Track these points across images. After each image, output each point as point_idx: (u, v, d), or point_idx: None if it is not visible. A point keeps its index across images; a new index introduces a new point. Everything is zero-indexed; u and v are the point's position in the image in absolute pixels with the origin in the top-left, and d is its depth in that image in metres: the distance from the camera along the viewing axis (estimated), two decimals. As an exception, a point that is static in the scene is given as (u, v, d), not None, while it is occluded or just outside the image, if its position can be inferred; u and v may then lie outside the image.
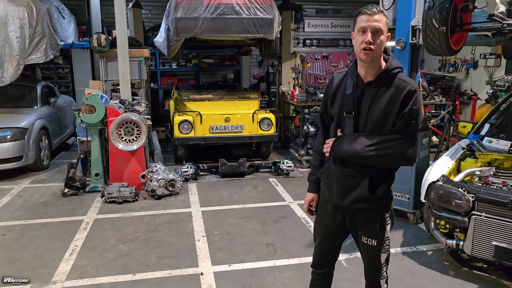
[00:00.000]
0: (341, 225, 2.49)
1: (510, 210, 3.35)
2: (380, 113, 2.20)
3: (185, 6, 6.71)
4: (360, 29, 2.14)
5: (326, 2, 12.17)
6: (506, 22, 3.57)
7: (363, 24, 2.13)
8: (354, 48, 2.23)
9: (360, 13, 2.16)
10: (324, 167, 2.47)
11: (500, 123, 4.73)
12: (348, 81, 2.29)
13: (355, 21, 2.20)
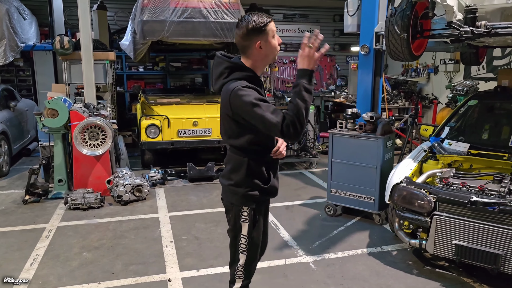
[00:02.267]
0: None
1: (469, 210, 3.49)
2: None
3: (151, 9, 6.62)
4: (274, 34, 2.33)
5: (293, 7, 12.32)
6: (463, 29, 3.71)
7: (274, 28, 2.32)
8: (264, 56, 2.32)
9: (269, 22, 2.27)
10: (265, 177, 2.43)
11: (459, 126, 4.92)
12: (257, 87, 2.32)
13: (266, 30, 2.26)
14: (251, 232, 2.48)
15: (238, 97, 2.19)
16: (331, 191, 5.31)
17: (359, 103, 5.52)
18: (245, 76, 2.30)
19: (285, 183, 6.87)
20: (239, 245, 2.50)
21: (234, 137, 2.37)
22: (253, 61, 2.34)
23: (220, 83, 2.37)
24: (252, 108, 2.16)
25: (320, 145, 8.83)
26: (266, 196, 2.48)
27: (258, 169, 2.40)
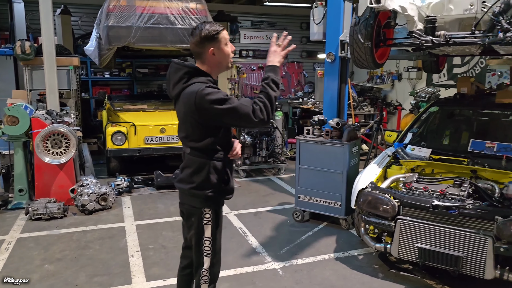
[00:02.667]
0: None
1: (431, 214, 3.59)
2: None
3: (117, 14, 6.51)
4: (227, 42, 2.46)
5: (261, 15, 12.42)
6: (424, 39, 3.84)
7: (227, 37, 2.46)
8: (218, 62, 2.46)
9: (222, 30, 2.43)
10: (224, 178, 2.53)
11: (421, 132, 5.08)
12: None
13: (218, 38, 2.41)
14: (215, 234, 2.56)
15: (204, 97, 2.27)
16: (299, 197, 5.35)
17: (326, 109, 5.61)
18: (205, 80, 2.40)
19: (254, 190, 6.88)
20: (203, 248, 2.54)
21: (197, 139, 2.44)
22: (208, 67, 2.47)
23: (179, 88, 2.45)
24: (223, 103, 2.26)
25: (288, 151, 8.90)
26: (225, 196, 2.59)
27: (219, 170, 2.49)
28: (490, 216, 3.35)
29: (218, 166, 2.47)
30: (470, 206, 3.46)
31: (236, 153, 2.57)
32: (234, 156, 2.57)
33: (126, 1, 6.58)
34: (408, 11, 3.76)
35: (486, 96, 5.02)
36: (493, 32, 3.46)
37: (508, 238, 3.23)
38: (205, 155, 2.45)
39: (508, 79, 6.60)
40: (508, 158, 4.03)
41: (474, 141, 4.38)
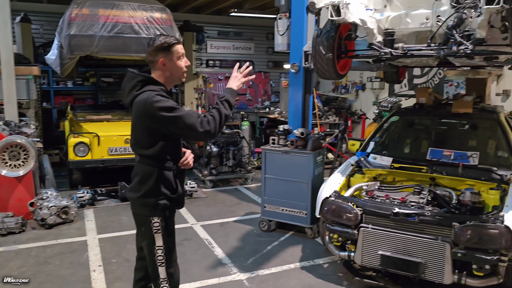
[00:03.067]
0: None
1: (392, 221, 3.67)
2: None
3: (79, 23, 6.39)
4: (180, 56, 2.52)
5: (227, 25, 12.47)
6: (383, 51, 3.96)
7: (181, 51, 2.52)
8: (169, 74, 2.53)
9: (176, 43, 2.50)
10: (173, 187, 2.56)
11: (383, 141, 5.21)
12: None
13: (171, 50, 2.48)
14: (167, 242, 2.56)
15: (153, 103, 2.34)
16: (265, 206, 5.36)
17: (291, 119, 5.67)
18: (157, 89, 2.45)
19: (220, 200, 6.84)
20: (156, 258, 2.54)
21: (147, 146, 2.48)
22: (160, 77, 2.52)
23: (132, 96, 2.48)
24: (171, 112, 2.33)
25: (255, 160, 8.91)
26: (174, 205, 2.60)
27: (167, 178, 2.52)
28: (447, 222, 3.46)
29: (166, 175, 2.51)
30: (429, 213, 3.56)
31: (187, 162, 2.60)
32: (184, 165, 2.61)
33: (89, 10, 6.48)
34: (368, 24, 3.87)
35: (443, 106, 5.21)
36: (448, 45, 3.62)
37: (464, 243, 3.34)
38: (153, 162, 2.49)
39: (464, 89, 6.89)
40: (464, 165, 4.18)
41: (432, 149, 4.53)
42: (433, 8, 3.78)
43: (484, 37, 3.44)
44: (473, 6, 3.33)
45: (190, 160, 2.62)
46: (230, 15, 11.70)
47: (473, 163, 4.22)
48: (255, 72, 12.73)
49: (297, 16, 5.35)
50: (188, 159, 2.62)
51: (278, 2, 5.63)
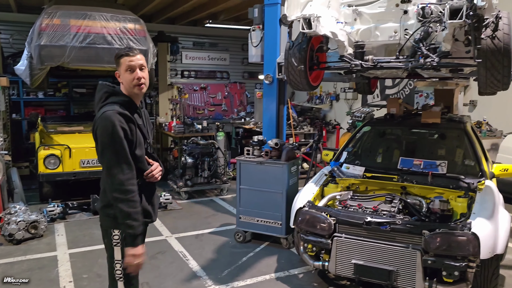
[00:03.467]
0: None
1: (365, 230, 3.72)
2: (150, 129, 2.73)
3: (50, 33, 6.28)
4: (128, 68, 2.46)
5: (202, 36, 12.49)
6: (354, 63, 4.04)
7: (129, 63, 2.46)
8: (124, 86, 2.51)
9: (123, 55, 2.47)
10: (142, 191, 2.52)
11: (356, 151, 5.29)
12: (132, 113, 2.49)
13: (119, 62, 2.48)
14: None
15: (103, 121, 2.35)
16: (240, 217, 5.34)
17: (265, 130, 5.70)
18: (121, 101, 2.46)
19: (196, 211, 6.78)
20: (115, 272, 2.49)
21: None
22: (123, 88, 2.52)
23: (98, 107, 2.49)
24: (112, 138, 2.33)
25: (231, 171, 8.90)
26: (144, 219, 2.52)
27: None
28: (418, 230, 3.53)
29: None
30: (400, 222, 3.62)
31: (152, 175, 2.56)
32: (149, 178, 2.57)
33: (60, 20, 6.38)
34: (339, 37, 3.95)
35: (413, 116, 5.35)
36: (415, 57, 3.72)
37: (434, 250, 3.41)
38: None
39: (433, 100, 7.09)
40: (433, 174, 4.28)
41: (403, 159, 4.63)
42: (401, 22, 3.89)
43: (449, 50, 3.56)
44: (438, 21, 3.45)
45: (155, 173, 2.58)
46: (205, 26, 11.73)
47: (441, 171, 4.33)
48: (230, 82, 12.83)
49: (270, 28, 5.41)
50: (154, 172, 2.57)
51: (251, 14, 5.68)
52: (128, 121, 2.42)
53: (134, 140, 2.45)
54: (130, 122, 2.43)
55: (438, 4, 3.53)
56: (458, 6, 3.16)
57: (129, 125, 2.42)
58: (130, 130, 2.42)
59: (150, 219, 2.62)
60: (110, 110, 2.37)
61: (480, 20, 3.24)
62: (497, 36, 3.36)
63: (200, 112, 12.01)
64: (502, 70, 3.48)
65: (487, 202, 3.77)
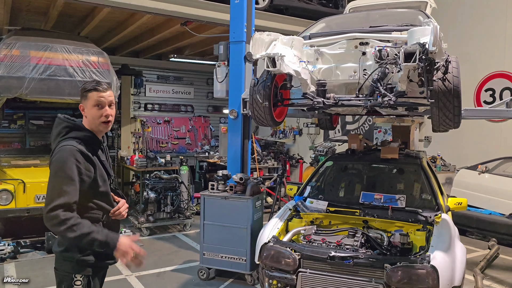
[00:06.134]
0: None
1: (329, 265, 3.74)
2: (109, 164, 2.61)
3: (8, 64, 6.12)
4: (96, 103, 2.39)
5: (167, 69, 12.54)
6: (316, 100, 4.17)
7: (98, 98, 2.38)
8: (89, 120, 2.43)
9: (92, 90, 2.39)
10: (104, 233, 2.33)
11: (319, 185, 5.38)
12: (95, 149, 2.43)
13: (87, 96, 2.40)
14: None
15: (60, 152, 2.26)
16: (204, 254, 5.24)
17: (230, 164, 5.71)
18: (82, 136, 2.38)
19: (157, 248, 6.58)
20: None
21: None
22: (85, 123, 2.44)
23: (57, 142, 2.37)
24: (60, 171, 2.22)
25: (194, 206, 8.77)
26: (103, 261, 2.41)
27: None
28: (380, 264, 3.58)
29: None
30: (363, 256, 3.67)
31: (119, 213, 2.47)
32: (116, 216, 2.47)
33: (19, 51, 6.25)
34: (302, 75, 4.09)
35: (373, 152, 5.53)
36: (374, 96, 3.90)
37: (396, 284, 3.46)
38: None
39: (391, 135, 7.40)
40: (393, 208, 4.41)
41: (364, 193, 4.74)
42: (360, 62, 4.09)
43: (404, 90, 3.77)
44: (394, 62, 3.65)
45: (122, 210, 2.49)
46: (170, 60, 11.80)
47: (401, 205, 4.46)
48: (194, 116, 12.84)
49: (235, 64, 5.54)
50: (121, 209, 2.48)
51: (217, 50, 5.80)
52: (87, 159, 2.32)
53: (91, 179, 2.33)
54: (89, 161, 2.33)
55: (394, 47, 3.75)
56: (412, 50, 3.38)
57: (87, 165, 2.31)
58: (87, 170, 2.31)
59: (113, 260, 2.48)
60: (69, 145, 2.28)
61: (432, 63, 3.47)
62: (447, 79, 3.61)
63: (164, 145, 11.88)
64: (453, 110, 3.72)
65: (444, 235, 3.91)
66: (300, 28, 5.82)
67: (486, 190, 7.20)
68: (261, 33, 4.02)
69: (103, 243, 2.24)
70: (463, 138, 8.06)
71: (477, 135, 8.09)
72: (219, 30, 8.17)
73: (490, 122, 7.92)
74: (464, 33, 8.38)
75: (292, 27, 7.92)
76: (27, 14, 8.32)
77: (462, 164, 7.99)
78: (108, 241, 2.25)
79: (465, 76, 4.09)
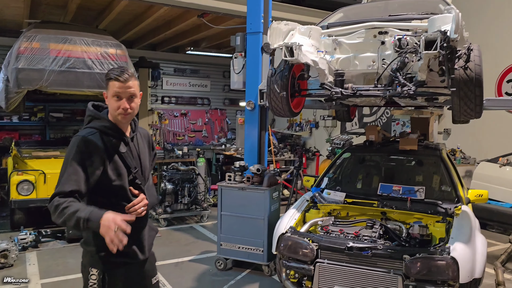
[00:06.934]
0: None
1: (347, 255, 3.72)
2: (147, 159, 2.49)
3: (28, 56, 6.23)
4: (115, 94, 2.25)
5: (183, 62, 12.60)
6: (334, 90, 4.14)
7: (117, 90, 2.24)
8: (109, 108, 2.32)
9: (111, 79, 2.25)
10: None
11: (336, 177, 5.34)
12: (113, 140, 2.31)
13: (108, 85, 2.27)
14: None
15: (71, 143, 2.23)
16: (221, 244, 5.27)
17: (247, 156, 5.71)
18: (100, 126, 2.30)
19: (175, 239, 6.65)
20: None
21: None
22: (109, 112, 2.34)
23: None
24: (65, 160, 2.20)
25: (211, 197, 8.82)
26: (118, 258, 2.20)
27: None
28: (398, 255, 3.55)
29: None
30: (381, 247, 3.64)
31: (134, 209, 2.26)
32: (131, 211, 2.25)
33: (39, 44, 6.35)
34: (319, 65, 4.05)
35: (391, 143, 5.47)
36: (393, 86, 3.84)
37: (415, 275, 3.43)
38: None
39: (410, 128, 7.29)
40: (412, 200, 4.36)
41: (382, 184, 4.70)
42: (379, 52, 4.03)
43: (424, 79, 3.69)
44: (414, 51, 3.59)
45: (137, 207, 2.26)
46: (186, 53, 11.85)
47: (420, 197, 4.41)
48: (211, 109, 12.88)
49: (252, 55, 5.52)
50: (136, 206, 2.26)
51: (234, 42, 5.79)
52: (96, 150, 2.20)
53: (100, 171, 2.20)
54: (98, 152, 2.21)
55: (413, 36, 3.68)
56: (433, 38, 3.30)
57: (94, 156, 2.19)
58: (94, 160, 2.18)
59: (135, 259, 2.36)
60: (80, 135, 2.22)
61: (453, 52, 3.40)
62: (469, 67, 3.53)
63: (180, 138, 11.97)
64: (475, 99, 3.63)
65: (464, 227, 3.85)
66: (317, 19, 5.75)
67: (507, 183, 7.05)
68: (279, 23, 3.99)
69: (86, 220, 2.00)
70: (483, 130, 7.90)
71: (497, 127, 7.91)
72: (235, 22, 8.15)
73: (510, 114, 7.74)
74: (486, 23, 8.18)
75: (309, 18, 7.86)
76: (47, 8, 8.44)
77: (482, 157, 7.84)
78: (91, 217, 2.01)
79: (487, 67, 3.99)
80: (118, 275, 2.32)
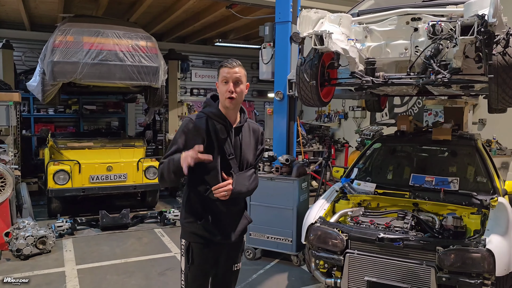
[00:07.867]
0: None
1: (377, 246, 3.67)
2: (250, 152, 2.64)
3: (63, 49, 6.39)
4: (223, 80, 2.49)
5: (212, 54, 12.67)
6: (365, 79, 4.07)
7: (225, 75, 2.49)
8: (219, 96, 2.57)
9: (222, 66, 2.54)
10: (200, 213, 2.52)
11: (366, 167, 5.27)
12: (218, 125, 2.54)
13: (219, 73, 2.55)
14: (187, 269, 2.53)
15: (181, 123, 2.60)
16: (250, 234, 5.31)
17: (275, 146, 5.71)
18: (208, 112, 2.56)
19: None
20: (181, 281, 2.58)
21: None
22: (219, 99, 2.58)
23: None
24: (173, 137, 2.56)
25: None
26: (202, 232, 2.50)
27: (194, 202, 2.53)
28: (431, 247, 3.48)
29: (194, 198, 2.53)
30: (413, 238, 3.57)
31: (218, 191, 2.43)
32: (216, 193, 2.43)
33: (73, 37, 6.50)
34: (350, 53, 3.98)
35: (423, 133, 5.33)
36: (426, 74, 3.74)
37: (448, 267, 3.35)
38: (188, 182, 2.55)
39: (443, 118, 7.08)
40: (445, 191, 4.25)
41: (414, 175, 4.60)
42: (411, 39, 3.92)
43: (460, 66, 3.57)
44: (449, 37, 3.47)
45: (221, 190, 2.43)
46: (214, 44, 11.90)
47: (453, 188, 4.29)
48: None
49: (281, 45, 5.48)
50: (220, 189, 2.43)
51: (262, 32, 5.76)
52: (197, 131, 2.50)
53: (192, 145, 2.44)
54: (198, 133, 2.49)
55: (448, 21, 3.56)
56: (469, 23, 3.19)
57: (195, 136, 2.48)
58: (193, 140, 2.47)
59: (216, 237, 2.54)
60: (188, 117, 2.58)
61: (491, 37, 3.26)
62: (507, 53, 3.38)
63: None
64: (514, 86, 3.48)
65: (501, 219, 3.72)
66: (347, 8, 5.64)
67: (547, 175, 6.77)
68: (309, 11, 3.95)
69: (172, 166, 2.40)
70: (521, 120, 7.58)
71: (537, 117, 7.58)
72: (264, 12, 8.11)
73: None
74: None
75: (339, 7, 7.70)
76: (80, 2, 8.66)
77: (520, 148, 7.54)
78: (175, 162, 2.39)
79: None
80: (199, 249, 2.54)
